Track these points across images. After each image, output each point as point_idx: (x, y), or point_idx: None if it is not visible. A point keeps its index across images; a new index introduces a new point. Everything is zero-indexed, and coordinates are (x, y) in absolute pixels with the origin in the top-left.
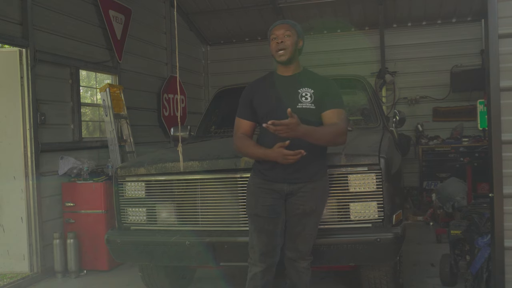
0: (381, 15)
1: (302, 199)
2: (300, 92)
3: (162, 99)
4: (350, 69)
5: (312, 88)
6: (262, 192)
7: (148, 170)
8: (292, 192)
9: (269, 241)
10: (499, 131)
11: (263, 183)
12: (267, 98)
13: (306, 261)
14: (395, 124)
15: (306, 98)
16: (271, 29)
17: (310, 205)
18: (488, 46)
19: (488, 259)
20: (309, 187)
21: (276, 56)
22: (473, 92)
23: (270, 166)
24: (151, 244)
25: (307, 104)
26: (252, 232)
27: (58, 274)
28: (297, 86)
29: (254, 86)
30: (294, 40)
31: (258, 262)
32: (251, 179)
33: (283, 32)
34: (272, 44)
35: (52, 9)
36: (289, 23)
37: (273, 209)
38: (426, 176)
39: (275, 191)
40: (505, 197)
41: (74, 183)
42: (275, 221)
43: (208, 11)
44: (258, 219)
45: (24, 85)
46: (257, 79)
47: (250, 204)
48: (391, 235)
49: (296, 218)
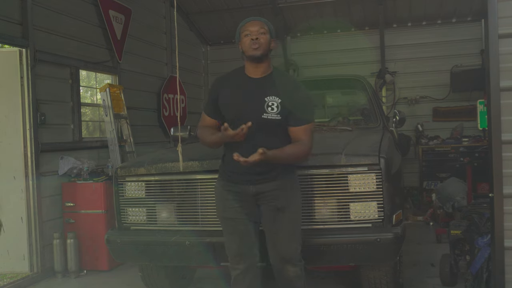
0: (381, 15)
1: (270, 197)
2: (266, 101)
3: (162, 99)
4: (350, 69)
5: (279, 96)
6: (229, 194)
7: (148, 170)
8: (259, 192)
9: (243, 242)
10: (499, 131)
11: (229, 185)
12: (232, 102)
13: (295, 266)
14: (395, 124)
15: (272, 108)
16: (243, 25)
17: (280, 201)
18: (488, 46)
19: (488, 259)
20: (274, 184)
21: (250, 50)
22: (473, 92)
23: (233, 168)
24: (151, 244)
25: (273, 115)
26: (225, 235)
27: (58, 274)
28: (264, 93)
29: (221, 83)
30: (268, 38)
31: (236, 265)
32: (218, 182)
33: (257, 29)
34: (245, 40)
35: (52, 9)
36: (262, 20)
37: (242, 210)
38: (426, 176)
39: (242, 191)
40: (505, 197)
41: (74, 183)
42: (246, 221)
43: (208, 11)
44: (229, 221)
45: (24, 85)
46: (225, 75)
47: (219, 207)
48: (391, 235)
49: (270, 217)
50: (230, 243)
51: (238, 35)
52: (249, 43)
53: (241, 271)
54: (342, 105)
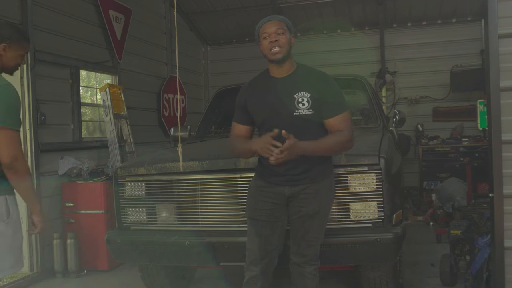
0: (381, 15)
1: (304, 201)
2: (296, 98)
3: (162, 99)
4: (350, 69)
5: (308, 91)
6: (262, 195)
7: (148, 170)
8: (293, 194)
9: (265, 246)
10: (499, 131)
11: (264, 186)
12: (262, 105)
13: (312, 266)
14: (395, 124)
15: (303, 104)
16: (260, 27)
17: (313, 207)
18: (488, 46)
19: (488, 259)
20: (312, 188)
21: (270, 55)
22: (473, 92)
23: (271, 168)
24: (151, 244)
25: (305, 111)
26: (249, 235)
27: (58, 274)
28: (292, 90)
29: (248, 89)
30: (287, 37)
31: (253, 267)
32: (253, 181)
33: (275, 29)
34: (264, 43)
35: (52, 9)
36: (278, 19)
37: (272, 213)
38: (426, 176)
39: (276, 194)
40: (505, 197)
41: (74, 183)
42: (274, 225)
43: (208, 11)
44: (256, 222)
45: (24, 85)
46: (251, 81)
47: (249, 206)
48: (391, 235)
49: (299, 221)
50: (252, 244)
51: (257, 36)
52: (268, 45)
53: (256, 273)
54: None
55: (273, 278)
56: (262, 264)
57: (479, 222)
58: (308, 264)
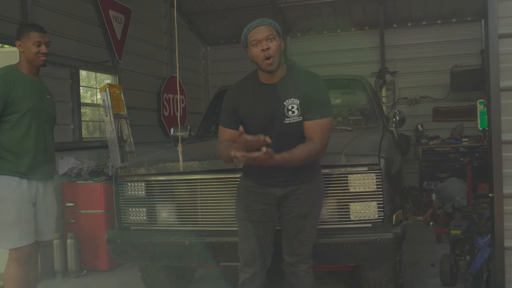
0: (381, 15)
1: (296, 202)
2: (286, 105)
3: (162, 99)
4: (350, 69)
5: (297, 97)
6: (252, 196)
7: (148, 170)
8: (285, 195)
9: (259, 246)
10: (499, 131)
11: (253, 187)
12: (253, 114)
13: (305, 264)
14: (395, 124)
15: (293, 111)
16: (248, 33)
17: (305, 207)
18: (488, 46)
19: (488, 259)
20: (303, 188)
21: (264, 66)
22: (473, 92)
23: (261, 169)
24: (151, 244)
25: (295, 118)
26: (241, 236)
27: (58, 274)
28: (282, 97)
29: (237, 93)
30: (278, 42)
31: (248, 268)
32: (241, 181)
33: (266, 35)
34: (255, 51)
35: (52, 9)
36: (267, 23)
37: (264, 213)
38: (426, 176)
39: (267, 195)
40: (505, 197)
41: (74, 183)
42: (266, 225)
43: (208, 11)
44: (249, 223)
45: None
46: (239, 84)
47: (239, 208)
48: (391, 235)
49: (292, 221)
50: (245, 245)
51: (244, 41)
52: (259, 55)
53: (251, 274)
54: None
55: (267, 278)
56: (256, 264)
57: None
58: (302, 263)
